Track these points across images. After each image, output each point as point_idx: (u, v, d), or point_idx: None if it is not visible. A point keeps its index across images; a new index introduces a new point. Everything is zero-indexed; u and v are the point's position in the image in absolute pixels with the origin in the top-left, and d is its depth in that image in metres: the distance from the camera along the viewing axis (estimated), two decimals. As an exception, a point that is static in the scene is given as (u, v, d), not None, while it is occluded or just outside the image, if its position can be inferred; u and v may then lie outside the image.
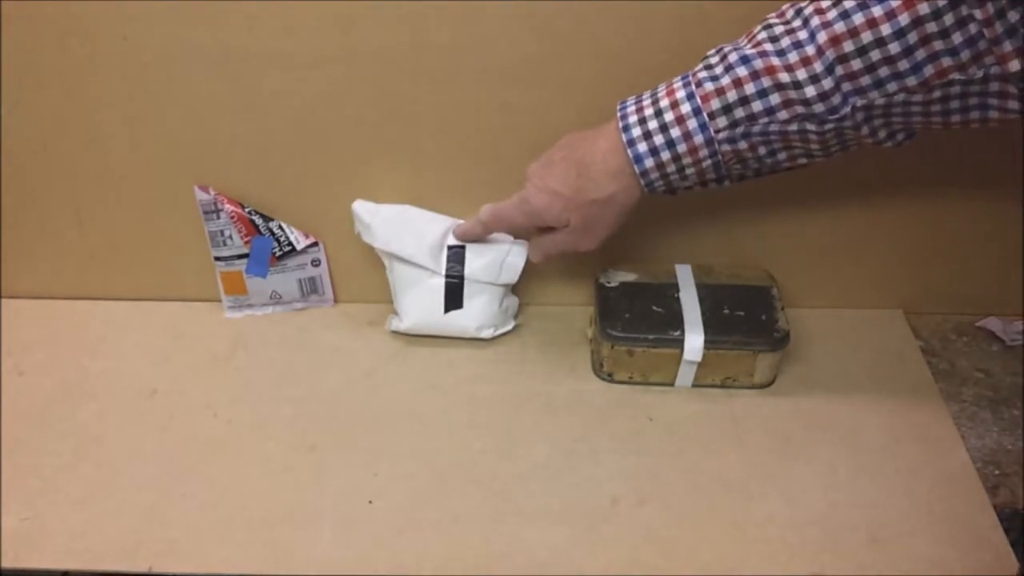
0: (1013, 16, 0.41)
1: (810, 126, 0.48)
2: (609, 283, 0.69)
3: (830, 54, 0.46)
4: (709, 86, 0.50)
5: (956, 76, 0.44)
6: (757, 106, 0.49)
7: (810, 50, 0.46)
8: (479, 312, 0.69)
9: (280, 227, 0.70)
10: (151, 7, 0.58)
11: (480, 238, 0.66)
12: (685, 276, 0.69)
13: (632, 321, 0.65)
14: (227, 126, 0.64)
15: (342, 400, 0.66)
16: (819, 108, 0.47)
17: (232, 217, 0.68)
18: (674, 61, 0.60)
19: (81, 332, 0.72)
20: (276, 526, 0.57)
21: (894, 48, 0.44)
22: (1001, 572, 0.54)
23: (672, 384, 0.67)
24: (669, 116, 0.51)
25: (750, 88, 0.48)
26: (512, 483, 0.60)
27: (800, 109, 0.48)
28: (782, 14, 0.49)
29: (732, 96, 0.49)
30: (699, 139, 0.51)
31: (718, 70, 0.50)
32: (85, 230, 0.71)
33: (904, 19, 0.44)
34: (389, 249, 0.67)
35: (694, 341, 0.64)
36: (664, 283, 0.68)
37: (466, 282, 0.67)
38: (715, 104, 0.50)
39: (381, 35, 0.60)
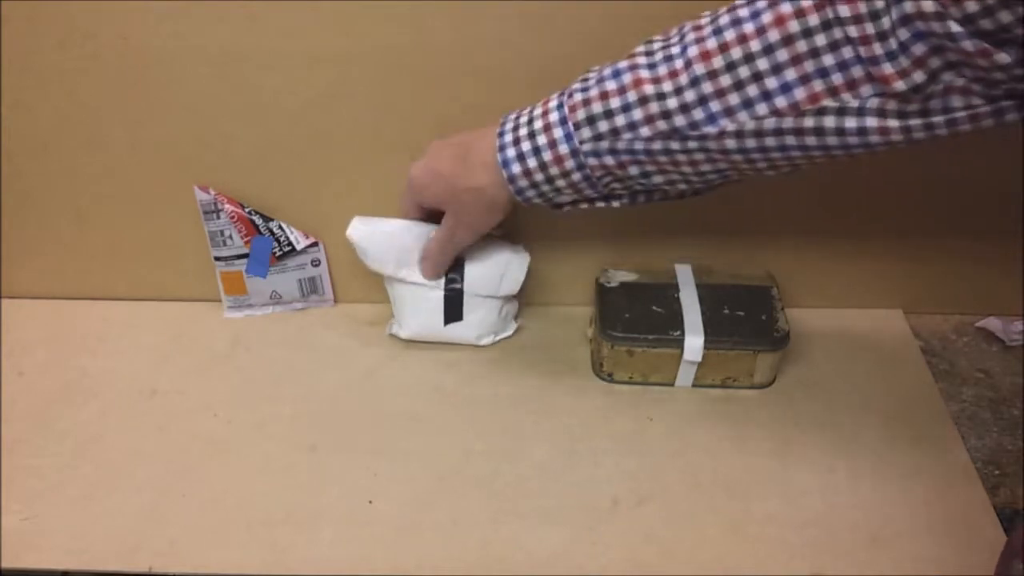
0: (903, 35, 0.40)
1: (673, 144, 0.48)
2: (609, 283, 0.69)
3: (697, 68, 0.45)
4: (577, 96, 0.50)
5: (828, 103, 0.43)
6: (620, 120, 0.48)
7: (678, 63, 0.46)
8: (479, 323, 0.68)
9: (280, 227, 0.70)
10: (151, 7, 0.58)
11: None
12: (685, 276, 0.69)
13: (632, 321, 0.65)
14: (227, 126, 0.64)
15: (342, 400, 0.66)
16: (680, 121, 0.47)
17: (232, 217, 0.68)
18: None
19: (81, 332, 0.72)
20: (276, 526, 0.57)
21: (762, 64, 0.44)
22: (1001, 572, 0.54)
23: (672, 384, 0.67)
24: (538, 124, 0.51)
25: (615, 102, 0.48)
26: (512, 484, 0.60)
27: (662, 125, 0.47)
28: (666, 32, 0.49)
29: (597, 108, 0.49)
30: (564, 149, 0.51)
31: (591, 82, 0.50)
32: (85, 230, 0.71)
33: (774, 36, 0.43)
34: (385, 272, 0.66)
35: (694, 341, 0.64)
36: (664, 283, 0.68)
37: (465, 295, 0.67)
38: (580, 115, 0.50)
39: (381, 35, 0.60)
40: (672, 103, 0.47)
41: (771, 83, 0.44)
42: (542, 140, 0.51)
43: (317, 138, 0.65)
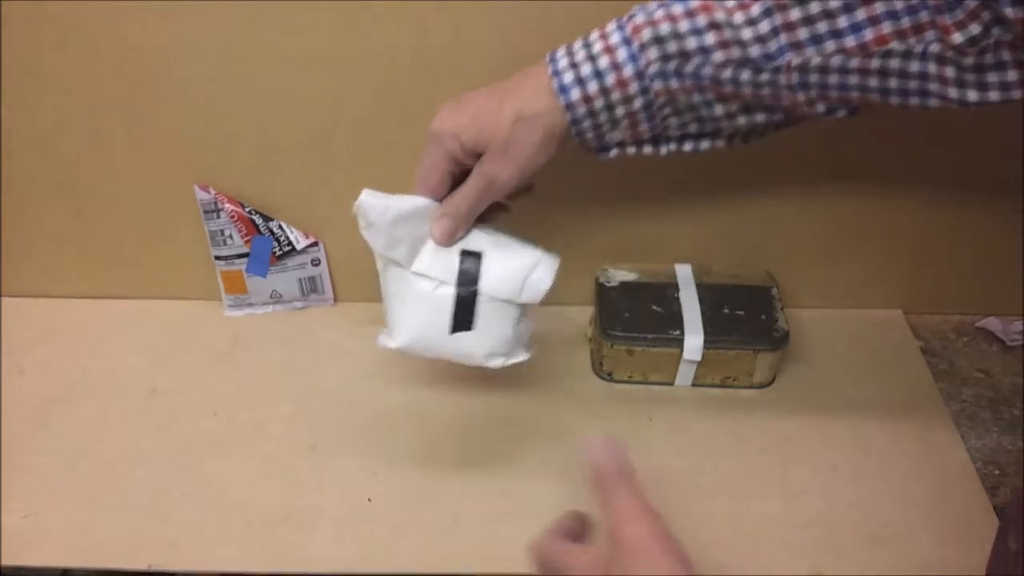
0: None
1: (745, 75, 0.47)
2: (609, 283, 0.69)
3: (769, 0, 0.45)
4: (640, 18, 0.48)
5: (895, 45, 0.43)
6: (691, 43, 0.47)
7: None
8: (491, 335, 0.55)
9: (280, 227, 0.70)
10: (151, 7, 0.58)
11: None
12: (685, 276, 0.69)
13: (632, 321, 0.65)
14: (227, 126, 0.64)
15: (342, 400, 0.66)
16: (755, 52, 0.46)
17: (232, 217, 0.68)
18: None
19: (81, 331, 0.72)
20: (276, 525, 0.57)
21: (834, 3, 0.44)
22: (1001, 572, 0.54)
23: (672, 384, 0.67)
24: (598, 47, 0.48)
25: (684, 25, 0.47)
26: (512, 483, 0.60)
27: (736, 52, 0.46)
28: None
29: (665, 29, 0.47)
30: (629, 71, 0.48)
31: (653, 6, 0.48)
32: (85, 229, 0.71)
33: None
34: (392, 255, 0.54)
35: (694, 341, 0.64)
36: (664, 283, 0.68)
37: (480, 298, 0.54)
38: (646, 35, 0.47)
39: (381, 35, 0.60)
40: (747, 33, 0.46)
41: (842, 21, 0.44)
42: (604, 62, 0.48)
43: (317, 138, 0.65)
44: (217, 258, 0.71)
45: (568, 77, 0.48)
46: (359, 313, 0.74)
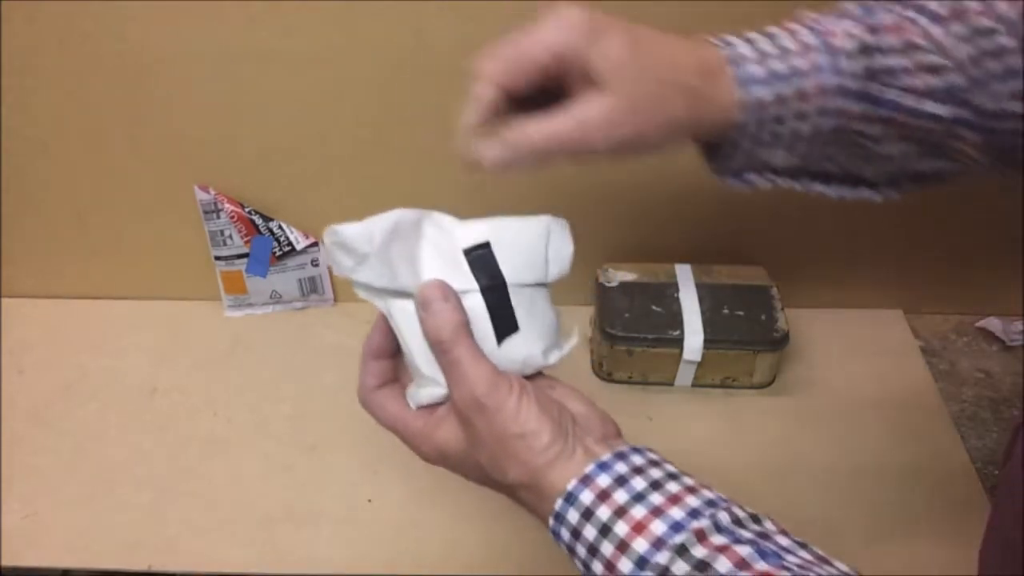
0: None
1: (941, 110, 0.38)
2: (609, 283, 0.69)
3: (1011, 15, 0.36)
4: (833, 23, 0.38)
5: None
6: (893, 62, 0.38)
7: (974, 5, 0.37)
8: (539, 328, 0.46)
9: (280, 227, 0.70)
10: (151, 7, 0.58)
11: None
12: (685, 276, 0.69)
13: (632, 321, 0.65)
14: (227, 126, 0.65)
15: (342, 399, 0.66)
16: (957, 79, 0.38)
17: (232, 217, 0.68)
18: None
19: (81, 331, 0.73)
20: (276, 524, 0.57)
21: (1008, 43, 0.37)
22: (1001, 572, 0.54)
23: (672, 384, 0.67)
24: (788, 42, 0.38)
25: (892, 39, 0.38)
26: (512, 483, 0.60)
27: (933, 80, 0.38)
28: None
29: (870, 39, 0.38)
30: (829, 80, 0.37)
31: (843, 12, 0.39)
32: (86, 229, 0.71)
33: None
34: (397, 285, 0.42)
35: (694, 341, 0.64)
36: (664, 283, 0.68)
37: (510, 291, 0.45)
38: (848, 43, 0.37)
39: (381, 35, 0.60)
40: (937, 58, 0.37)
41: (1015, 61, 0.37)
42: (801, 63, 0.37)
43: (317, 138, 0.65)
44: (217, 258, 0.71)
45: (756, 71, 0.37)
46: (359, 313, 0.74)
